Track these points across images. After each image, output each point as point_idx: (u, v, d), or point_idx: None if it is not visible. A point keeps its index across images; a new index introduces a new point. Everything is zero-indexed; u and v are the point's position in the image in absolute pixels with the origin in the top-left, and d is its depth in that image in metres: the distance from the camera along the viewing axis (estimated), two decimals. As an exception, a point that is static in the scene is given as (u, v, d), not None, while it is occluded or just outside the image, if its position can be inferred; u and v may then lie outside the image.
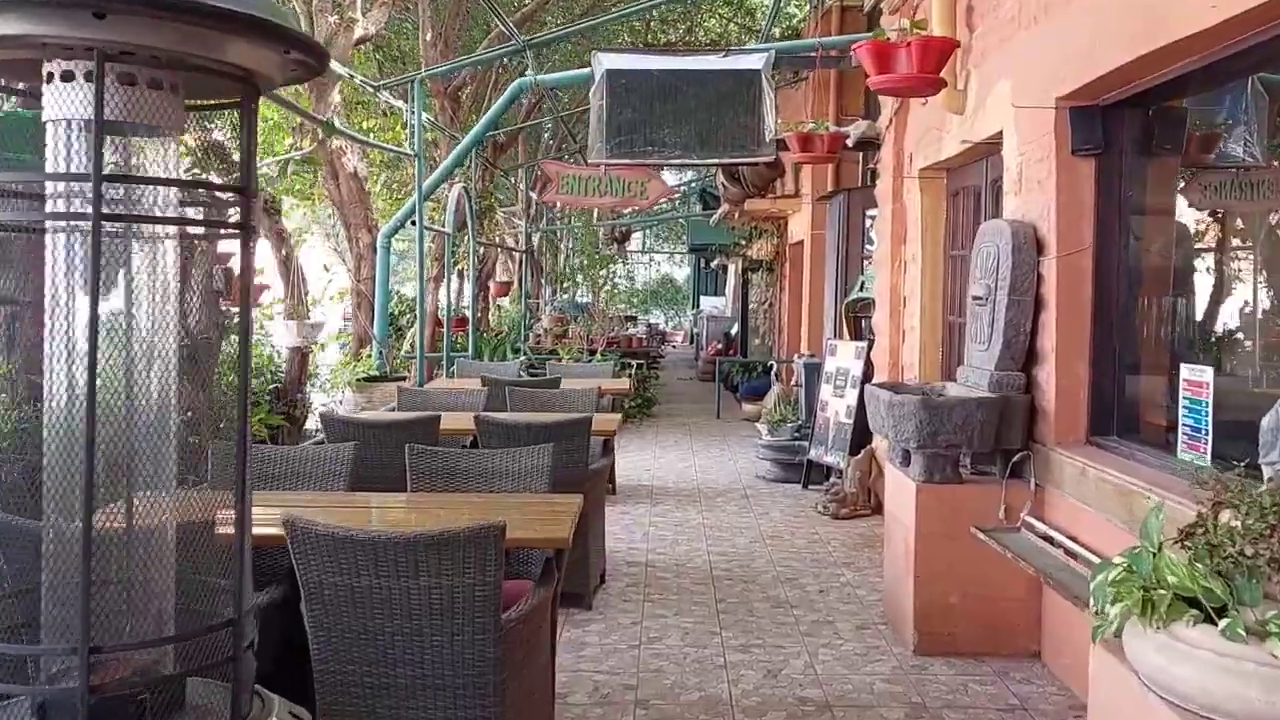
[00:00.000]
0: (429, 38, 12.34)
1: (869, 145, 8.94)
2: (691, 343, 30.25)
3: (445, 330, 11.11)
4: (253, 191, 2.16)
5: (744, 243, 18.61)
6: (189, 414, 6.02)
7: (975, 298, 5.51)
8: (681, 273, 44.24)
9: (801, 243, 14.55)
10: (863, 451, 8.42)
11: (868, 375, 8.74)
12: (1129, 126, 4.91)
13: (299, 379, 7.92)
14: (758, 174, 14.19)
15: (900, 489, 5.49)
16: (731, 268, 24.74)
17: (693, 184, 27.44)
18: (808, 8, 12.51)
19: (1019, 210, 5.47)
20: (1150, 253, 5.08)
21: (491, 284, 16.48)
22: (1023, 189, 5.48)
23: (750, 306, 18.77)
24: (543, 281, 22.04)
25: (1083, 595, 3.83)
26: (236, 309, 6.72)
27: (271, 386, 7.72)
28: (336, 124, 8.54)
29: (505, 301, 18.33)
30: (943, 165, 7.37)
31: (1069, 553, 4.55)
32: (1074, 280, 5.02)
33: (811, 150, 7.37)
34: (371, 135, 11.23)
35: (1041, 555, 4.52)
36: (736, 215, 16.68)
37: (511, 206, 19.42)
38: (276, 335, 7.45)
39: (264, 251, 7.89)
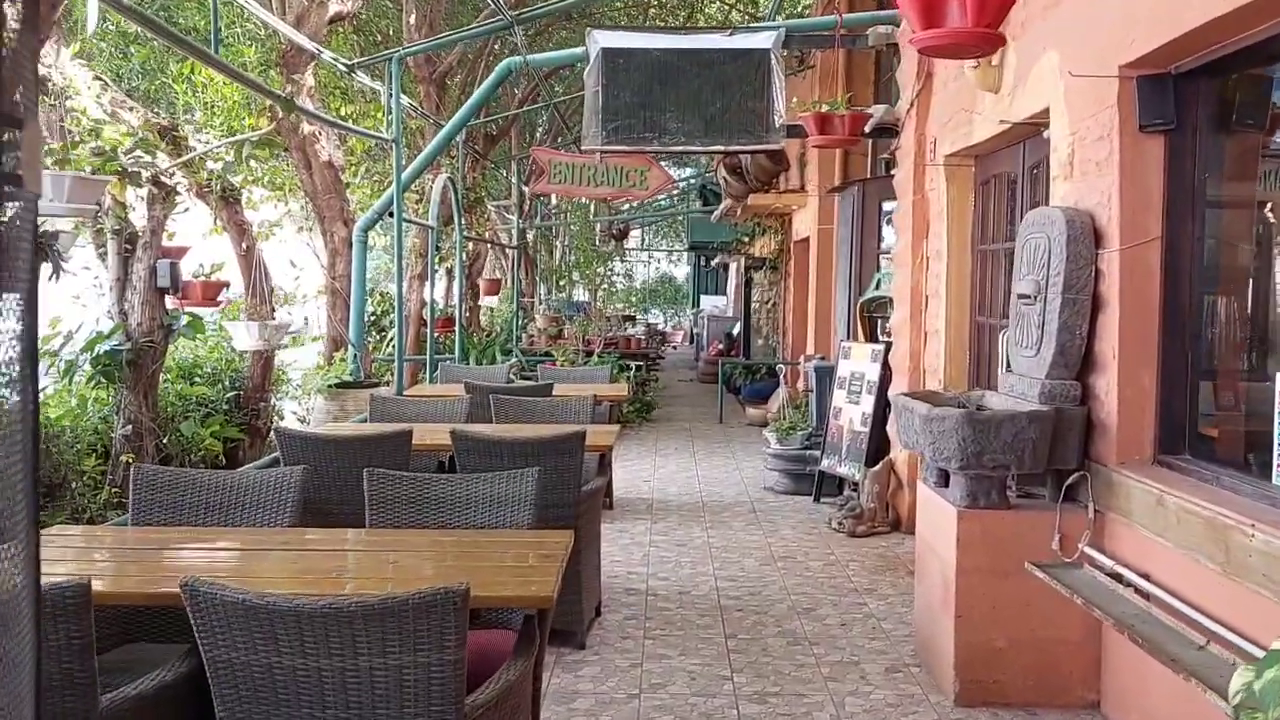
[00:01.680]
0: (413, 20, 11.66)
1: (885, 132, 8.26)
2: (691, 343, 29.58)
3: (429, 331, 10.42)
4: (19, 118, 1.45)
5: (747, 240, 17.94)
6: (128, 428, 5.33)
7: (1021, 296, 4.84)
8: (681, 271, 43.55)
9: (807, 239, 13.88)
10: (881, 463, 7.74)
11: (885, 380, 8.07)
12: (1206, 98, 4.24)
13: (262, 385, 7.25)
14: (761, 168, 13.53)
15: (937, 514, 4.81)
16: (733, 266, 24.07)
17: (693, 180, 26.78)
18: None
19: (1071, 197, 4.80)
20: (1229, 244, 4.40)
21: (481, 282, 15.76)
22: (1075, 173, 4.80)
23: (753, 306, 18.08)
24: (537, 279, 21.36)
25: (1182, 658, 3.16)
26: (187, 308, 6.02)
27: (229, 395, 7.04)
28: (297, 102, 7.85)
29: (495, 300, 17.63)
30: (972, 151, 6.70)
31: (1141, 593, 3.89)
32: (1139, 276, 4.35)
33: (831, 132, 6.69)
34: (351, 123, 10.53)
35: (1114, 599, 3.84)
36: (739, 211, 16.01)
37: (505, 201, 18.73)
38: (236, 337, 6.77)
39: (224, 245, 7.22)
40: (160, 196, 5.91)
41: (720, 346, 20.32)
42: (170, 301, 6.07)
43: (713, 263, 28.73)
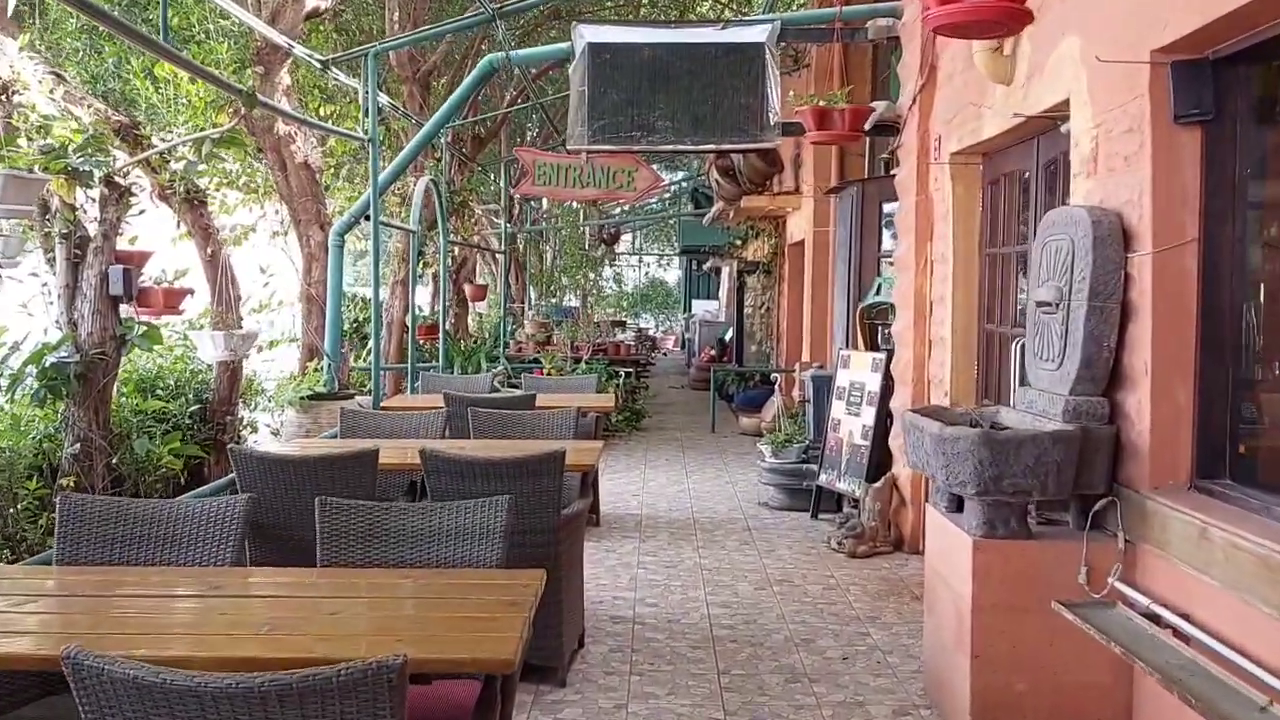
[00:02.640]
0: (396, 19, 11.25)
1: (886, 130, 7.86)
2: (683, 348, 29.17)
3: (411, 338, 9.99)
4: None
5: (739, 243, 17.56)
6: (76, 446, 4.90)
7: (1041, 304, 4.44)
8: (672, 275, 43.15)
9: (802, 242, 13.50)
10: (882, 479, 7.34)
11: (887, 391, 7.67)
12: (1248, 86, 3.84)
13: (229, 398, 6.82)
14: (754, 169, 13.14)
15: (949, 543, 4.40)
16: (725, 270, 23.68)
17: (684, 183, 26.39)
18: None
19: (1096, 196, 4.40)
20: (1274, 246, 4.00)
21: (468, 287, 15.33)
22: (1100, 169, 4.40)
23: (746, 311, 17.67)
24: (527, 284, 20.92)
25: (1245, 725, 2.76)
26: (146, 317, 5.60)
27: (192, 409, 6.61)
28: (272, 101, 7.44)
29: (483, 306, 17.18)
30: (980, 148, 6.31)
31: (1181, 635, 3.48)
32: (1174, 282, 3.95)
33: (830, 128, 6.29)
34: (332, 124, 10.11)
35: (1153, 645, 3.43)
36: (731, 214, 15.62)
37: (493, 205, 18.31)
38: (201, 347, 6.35)
39: (188, 250, 6.80)
40: (113, 198, 5.49)
41: (712, 352, 19.90)
42: (125, 310, 5.64)
43: (704, 267, 28.35)
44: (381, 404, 7.91)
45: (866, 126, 7.11)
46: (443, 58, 11.56)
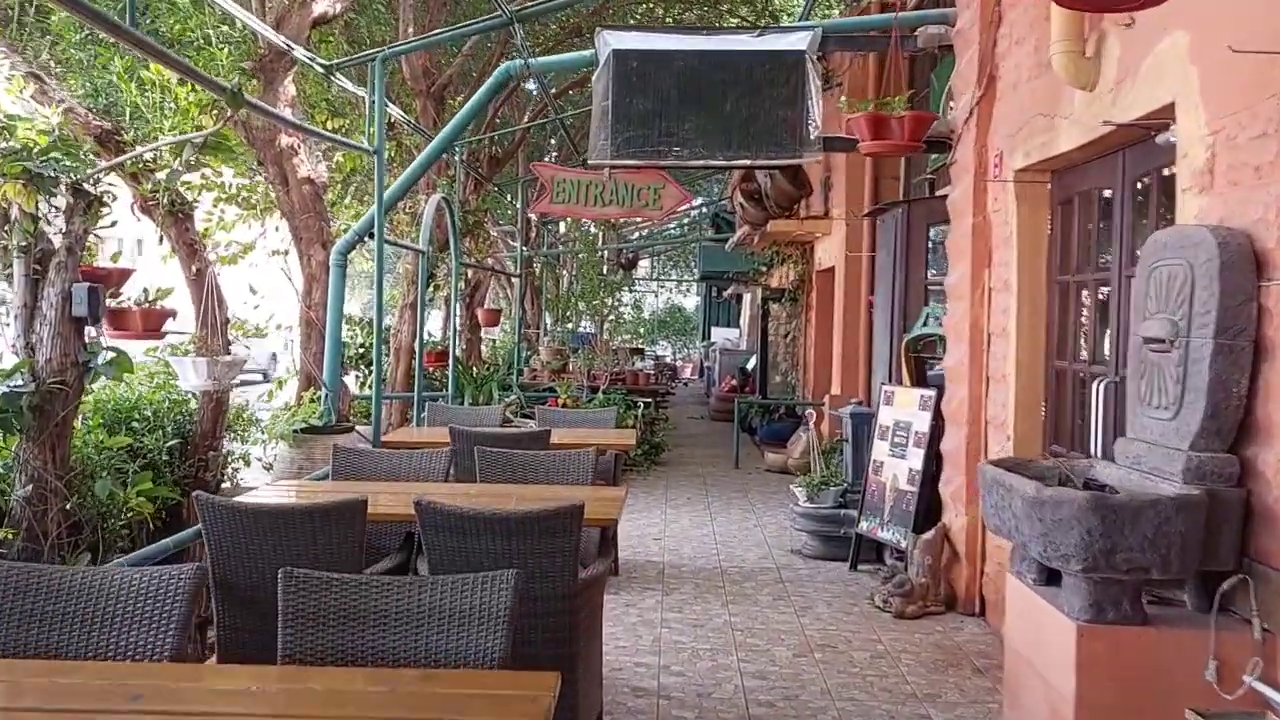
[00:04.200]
0: (411, 31, 10.68)
1: (935, 147, 7.20)
2: (701, 377, 28.48)
3: (418, 365, 9.34)
4: None
5: (764, 270, 16.90)
6: (29, 488, 4.26)
7: (1150, 341, 3.76)
8: (690, 301, 42.51)
9: (832, 269, 12.83)
10: (933, 530, 6.63)
11: (937, 432, 6.98)
12: None
13: (213, 431, 6.18)
14: (782, 192, 12.50)
15: (1042, 625, 3.71)
16: (748, 297, 23.01)
17: (705, 208, 25.79)
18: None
19: (1214, 214, 3.73)
20: None
21: (479, 312, 14.70)
22: (1218, 182, 3.73)
23: (770, 340, 16.99)
24: (543, 309, 20.29)
25: None
26: (122, 341, 4.97)
27: (170, 444, 5.96)
28: (276, 112, 6.83)
29: (496, 332, 16.54)
30: (1049, 164, 5.64)
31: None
32: (1323, 316, 3.27)
33: (886, 137, 5.63)
34: (341, 136, 9.51)
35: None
36: (756, 239, 14.99)
37: (509, 226, 17.72)
38: (181, 375, 5.73)
39: (172, 268, 6.18)
40: (80, 207, 4.87)
41: (734, 382, 19.21)
42: (91, 333, 5.01)
43: (725, 294, 27.69)
44: (383, 439, 7.26)
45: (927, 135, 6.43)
46: (459, 71, 10.99)
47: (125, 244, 8.20)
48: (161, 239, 5.94)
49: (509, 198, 16.25)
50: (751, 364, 18.87)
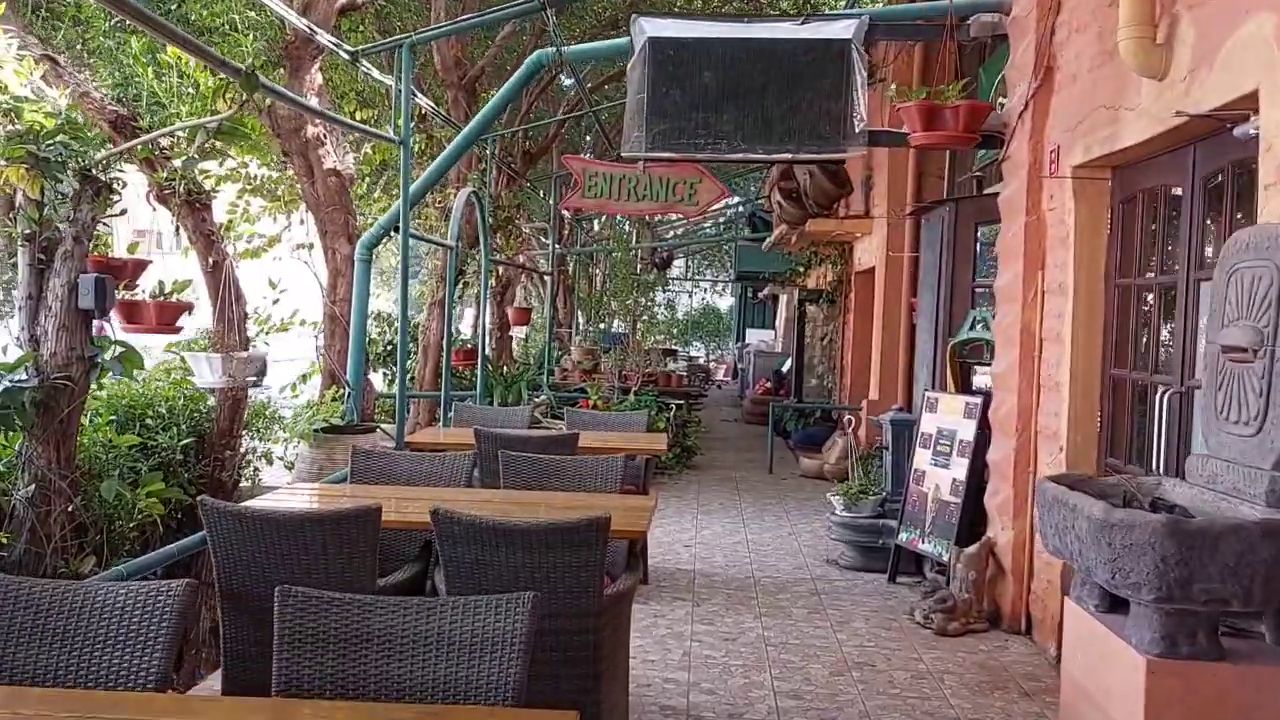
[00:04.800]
0: (442, 17, 10.46)
1: (987, 142, 6.87)
2: (735, 378, 28.15)
3: (445, 364, 9.12)
4: None
5: (801, 270, 16.56)
6: (31, 488, 4.05)
7: (1229, 350, 3.44)
8: (724, 302, 42.15)
9: (872, 269, 12.49)
10: (977, 545, 6.32)
11: (983, 441, 6.66)
12: None
13: (230, 429, 5.97)
14: (821, 191, 12.18)
15: (1104, 656, 3.40)
16: (784, 298, 22.69)
17: (740, 207, 25.46)
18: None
19: (1303, 211, 3.41)
20: None
21: (509, 310, 14.47)
22: (1307, 177, 3.42)
23: (806, 342, 16.64)
24: (575, 308, 20.03)
25: None
26: (123, 333, 4.76)
27: (185, 442, 5.75)
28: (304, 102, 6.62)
29: (524, 331, 16.28)
30: (1111, 160, 5.32)
31: None
32: None
33: (940, 128, 5.32)
34: (370, 127, 9.30)
35: None
36: (794, 239, 14.65)
37: (542, 223, 17.49)
38: (197, 372, 5.53)
39: (193, 261, 5.98)
40: (89, 194, 4.66)
41: (768, 385, 18.89)
42: (99, 327, 4.81)
43: (761, 294, 27.36)
44: (407, 440, 7.03)
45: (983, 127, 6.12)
46: (491, 63, 10.76)
47: (149, 236, 8.03)
48: (178, 230, 5.74)
49: (541, 193, 16.01)
50: (787, 366, 18.54)
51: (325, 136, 8.04)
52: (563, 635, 3.74)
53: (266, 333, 6.50)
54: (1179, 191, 4.84)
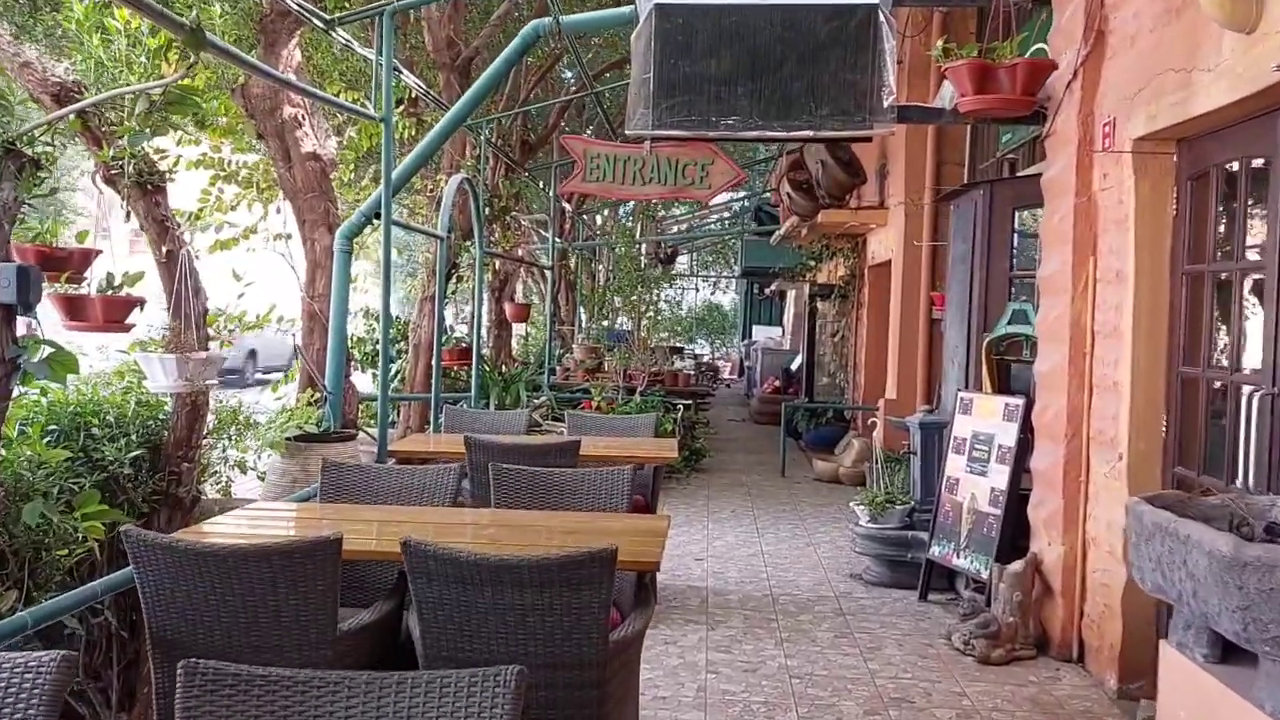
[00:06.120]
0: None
1: (1023, 118, 6.24)
2: (741, 376, 27.51)
3: (435, 364, 8.49)
4: None
5: (812, 264, 15.93)
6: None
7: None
8: (726, 298, 41.51)
9: (887, 263, 11.87)
10: (1022, 562, 5.70)
11: (1025, 446, 6.04)
12: None
13: (188, 440, 5.36)
14: (834, 181, 11.56)
15: (1217, 715, 2.78)
16: (792, 293, 22.04)
17: (746, 201, 24.82)
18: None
19: None
20: None
21: (506, 305, 13.84)
22: None
23: (816, 339, 16.00)
24: (578, 305, 19.40)
25: None
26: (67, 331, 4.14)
27: (134, 454, 5.13)
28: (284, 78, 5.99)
29: (522, 327, 15.64)
30: (1180, 130, 4.69)
31: None
32: None
33: (993, 90, 4.69)
34: (355, 104, 8.67)
35: None
36: (804, 232, 14.03)
37: (541, 215, 16.85)
38: (150, 375, 4.93)
39: (141, 250, 5.38)
40: (12, 171, 4.05)
41: (777, 383, 18.26)
42: (24, 325, 4.19)
43: (768, 290, 26.73)
44: (392, 448, 6.41)
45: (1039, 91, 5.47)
46: (486, 43, 10.13)
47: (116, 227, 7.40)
48: (128, 215, 5.12)
49: (541, 184, 15.38)
50: (796, 364, 17.91)
51: (304, 118, 7.42)
52: (560, 690, 3.13)
53: (245, 329, 5.88)
54: (1263, 164, 4.21)
